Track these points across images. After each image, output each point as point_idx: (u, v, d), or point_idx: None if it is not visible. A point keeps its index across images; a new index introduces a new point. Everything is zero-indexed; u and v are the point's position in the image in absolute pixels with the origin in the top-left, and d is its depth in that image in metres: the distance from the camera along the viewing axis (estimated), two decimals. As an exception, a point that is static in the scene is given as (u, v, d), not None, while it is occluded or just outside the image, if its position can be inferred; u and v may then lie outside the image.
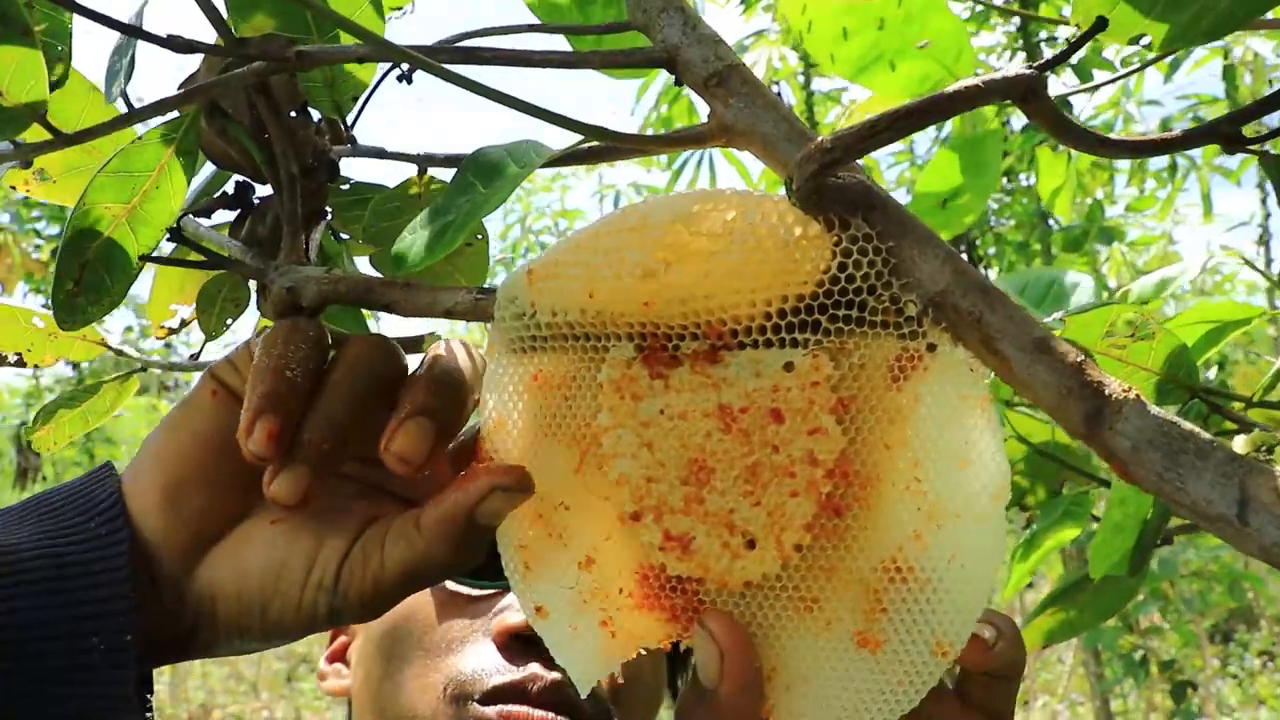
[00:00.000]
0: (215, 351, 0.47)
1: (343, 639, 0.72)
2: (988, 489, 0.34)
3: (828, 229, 0.33)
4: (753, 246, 0.33)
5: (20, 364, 0.52)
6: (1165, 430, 0.31)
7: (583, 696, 0.39)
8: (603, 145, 0.38)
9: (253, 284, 0.47)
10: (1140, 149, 0.37)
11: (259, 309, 0.44)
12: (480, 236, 0.49)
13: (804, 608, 0.37)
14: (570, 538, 0.38)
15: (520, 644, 0.61)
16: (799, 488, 0.36)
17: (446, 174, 0.45)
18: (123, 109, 0.40)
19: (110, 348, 0.52)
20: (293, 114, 0.41)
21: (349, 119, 0.44)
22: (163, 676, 4.17)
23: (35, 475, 3.00)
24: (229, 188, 0.46)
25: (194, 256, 0.45)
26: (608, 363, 0.36)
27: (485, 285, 0.38)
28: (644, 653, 0.38)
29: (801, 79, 2.71)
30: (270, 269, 0.40)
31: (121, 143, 0.44)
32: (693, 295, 0.34)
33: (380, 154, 0.44)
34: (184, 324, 0.56)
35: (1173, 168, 2.87)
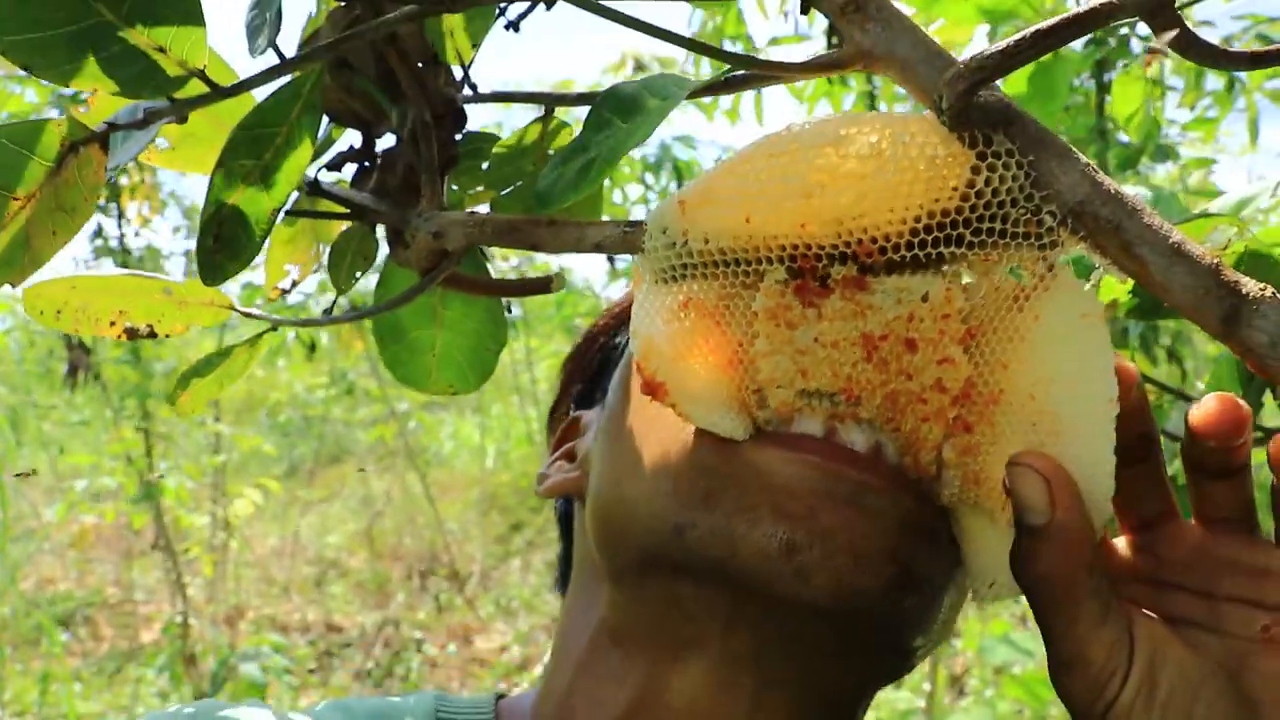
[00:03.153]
0: (346, 305, 0.49)
1: (570, 445, 0.63)
2: (1100, 402, 0.37)
3: (971, 146, 0.35)
4: (904, 166, 0.35)
5: (151, 335, 0.51)
6: (1302, 323, 0.33)
7: None
8: (743, 74, 0.39)
9: (380, 236, 0.48)
10: (1261, 60, 0.37)
11: (394, 258, 0.46)
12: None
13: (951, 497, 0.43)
14: None
15: None
16: (929, 414, 0.40)
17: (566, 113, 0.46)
18: (274, 60, 0.41)
19: (239, 310, 0.52)
20: (420, 65, 0.42)
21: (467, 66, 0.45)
22: (198, 579, 4.30)
23: (86, 374, 3.05)
24: (354, 142, 0.47)
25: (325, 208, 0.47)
26: (763, 291, 0.39)
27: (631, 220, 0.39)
28: None
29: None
30: (412, 216, 0.41)
31: (237, 107, 0.45)
32: (847, 215, 0.35)
33: (506, 97, 0.45)
34: (294, 284, 0.57)
35: (1230, 86, 2.80)
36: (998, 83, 0.35)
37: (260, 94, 0.42)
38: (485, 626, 4.96)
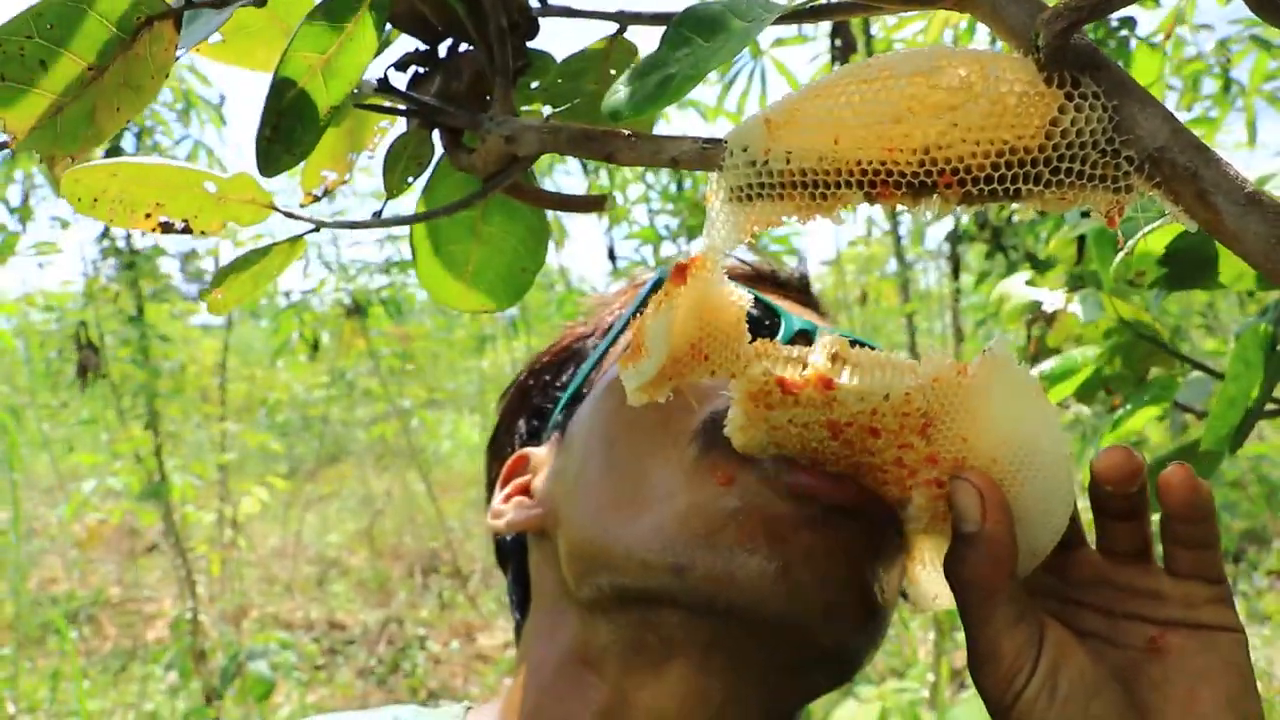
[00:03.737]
0: (396, 208, 0.49)
1: (520, 480, 0.65)
2: (1054, 457, 0.42)
3: (1059, 86, 0.35)
4: (994, 100, 0.35)
5: (186, 230, 0.49)
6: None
7: None
8: (834, 3, 0.39)
9: (437, 141, 0.48)
10: None
11: (455, 163, 0.45)
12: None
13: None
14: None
15: None
16: (889, 480, 0.47)
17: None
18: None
19: (279, 209, 0.50)
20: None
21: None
22: (201, 577, 4.28)
23: (96, 373, 3.04)
24: (418, 45, 0.47)
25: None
26: (746, 377, 0.45)
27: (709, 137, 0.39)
28: None
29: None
30: (484, 119, 0.41)
31: (295, 5, 0.44)
32: (934, 144, 0.36)
33: (577, 13, 0.44)
34: (327, 191, 0.57)
35: (1226, 88, 2.81)
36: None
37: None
38: (488, 623, 4.95)
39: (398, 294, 4.71)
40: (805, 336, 0.58)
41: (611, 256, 4.63)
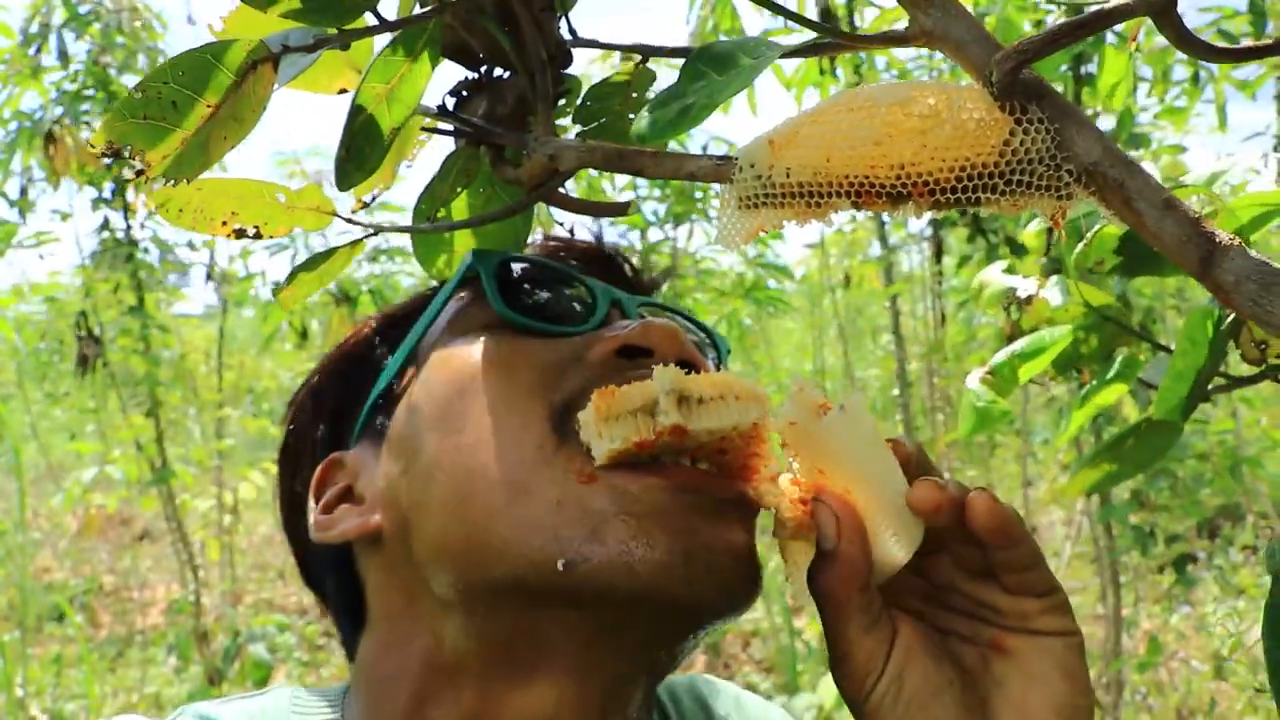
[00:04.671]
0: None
1: (337, 487, 0.62)
2: (895, 493, 0.49)
3: (1010, 113, 0.42)
4: (957, 125, 0.43)
5: (257, 236, 0.55)
6: (1260, 268, 0.41)
7: None
8: (825, 42, 0.46)
9: (484, 157, 0.55)
10: (1250, 54, 0.45)
11: (501, 177, 0.52)
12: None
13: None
14: None
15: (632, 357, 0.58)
16: (738, 476, 0.55)
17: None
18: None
19: (340, 216, 0.56)
20: (540, 10, 0.49)
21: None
22: (199, 561, 4.32)
23: (94, 363, 3.08)
24: (467, 74, 0.53)
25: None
26: (606, 450, 0.52)
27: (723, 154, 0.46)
28: None
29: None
30: (529, 139, 0.48)
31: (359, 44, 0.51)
32: (908, 162, 0.43)
33: (605, 45, 0.51)
34: (375, 199, 0.64)
35: (1195, 79, 2.90)
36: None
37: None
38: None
39: (385, 283, 4.76)
40: (619, 306, 0.62)
41: (599, 242, 4.68)
